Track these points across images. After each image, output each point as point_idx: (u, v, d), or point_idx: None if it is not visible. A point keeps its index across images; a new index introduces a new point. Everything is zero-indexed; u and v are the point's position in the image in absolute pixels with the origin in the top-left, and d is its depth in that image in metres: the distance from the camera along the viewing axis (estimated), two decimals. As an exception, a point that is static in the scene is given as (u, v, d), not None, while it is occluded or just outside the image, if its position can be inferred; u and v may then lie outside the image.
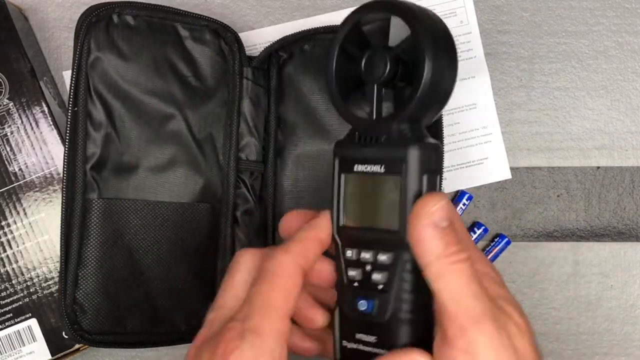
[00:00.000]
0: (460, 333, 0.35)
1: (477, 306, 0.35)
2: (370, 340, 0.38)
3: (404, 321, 0.37)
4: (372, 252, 0.38)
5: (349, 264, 0.39)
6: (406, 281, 0.37)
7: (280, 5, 0.59)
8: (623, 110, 0.57)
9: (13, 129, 0.54)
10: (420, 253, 0.36)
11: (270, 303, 0.37)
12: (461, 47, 0.58)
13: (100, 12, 0.49)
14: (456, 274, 0.35)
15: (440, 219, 0.36)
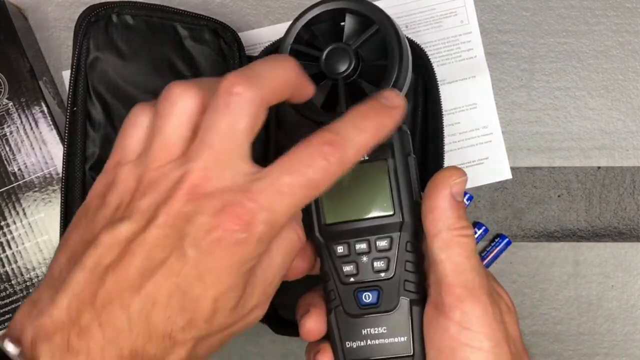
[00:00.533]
0: (456, 304, 0.35)
1: (476, 279, 0.36)
2: (380, 332, 0.38)
3: (413, 301, 0.38)
4: (367, 242, 0.38)
5: (342, 261, 0.39)
6: (410, 262, 0.38)
7: (280, 5, 0.58)
8: (624, 110, 0.57)
9: (12, 129, 0.54)
10: (432, 221, 0.36)
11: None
12: (461, 47, 0.57)
13: (99, 12, 0.49)
14: (462, 247, 0.36)
15: (458, 192, 0.37)
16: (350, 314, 0.39)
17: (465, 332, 0.35)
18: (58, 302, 0.31)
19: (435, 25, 0.57)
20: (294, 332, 0.53)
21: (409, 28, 0.57)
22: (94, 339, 0.31)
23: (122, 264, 0.31)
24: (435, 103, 0.52)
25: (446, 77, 0.57)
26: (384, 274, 0.38)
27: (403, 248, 0.38)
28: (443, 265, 0.36)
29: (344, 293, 0.39)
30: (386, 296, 0.38)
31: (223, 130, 0.33)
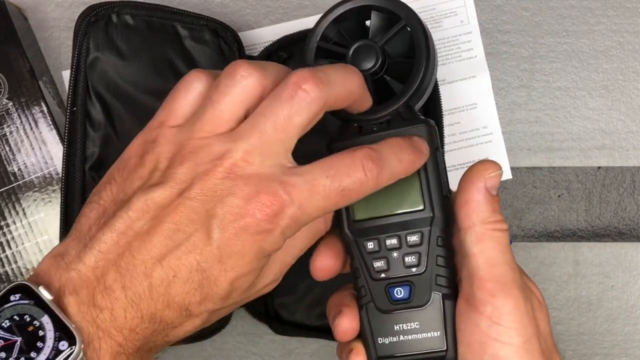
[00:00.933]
0: (488, 298, 0.35)
1: (509, 274, 0.36)
2: (412, 328, 0.38)
3: (445, 296, 0.38)
4: (397, 238, 0.38)
5: (372, 256, 0.39)
6: (441, 256, 0.38)
7: (280, 5, 0.58)
8: (624, 110, 0.57)
9: (12, 129, 0.54)
10: (465, 214, 0.36)
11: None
12: (461, 47, 0.57)
13: (99, 12, 0.49)
14: (496, 241, 0.36)
15: (492, 186, 0.37)
16: (382, 310, 0.39)
17: (495, 327, 0.35)
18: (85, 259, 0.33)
19: (435, 25, 0.57)
20: (294, 332, 0.53)
21: (409, 28, 0.57)
22: (118, 299, 0.33)
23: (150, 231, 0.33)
24: (435, 103, 0.52)
25: (446, 77, 0.57)
26: (415, 269, 0.38)
27: (434, 243, 0.38)
28: (476, 259, 0.36)
29: (375, 289, 0.39)
30: (418, 291, 0.38)
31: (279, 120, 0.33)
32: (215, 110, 0.34)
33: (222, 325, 0.53)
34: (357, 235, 0.39)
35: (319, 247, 0.40)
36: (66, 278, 0.33)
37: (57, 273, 0.34)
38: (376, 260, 0.39)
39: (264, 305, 0.55)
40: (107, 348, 0.33)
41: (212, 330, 0.53)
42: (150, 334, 0.34)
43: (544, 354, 0.36)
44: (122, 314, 0.33)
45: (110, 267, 0.33)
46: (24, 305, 0.32)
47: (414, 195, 0.38)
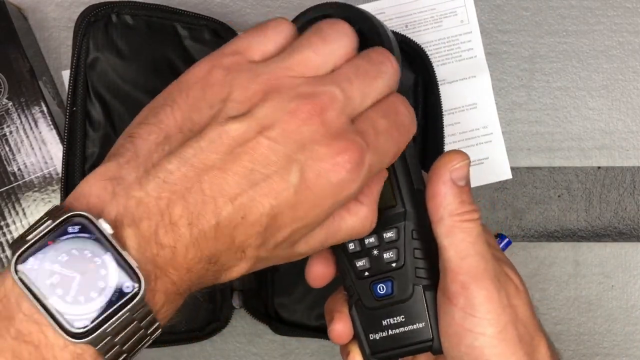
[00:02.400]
0: (461, 290, 0.35)
1: (480, 264, 0.36)
2: (399, 321, 0.39)
3: (426, 287, 0.38)
4: (375, 236, 0.39)
5: (354, 256, 0.39)
6: (417, 249, 0.38)
7: (280, 5, 0.58)
8: (624, 110, 0.57)
9: (12, 129, 0.54)
10: (434, 207, 0.36)
11: None
12: (461, 47, 0.57)
13: (98, 12, 0.49)
14: (465, 232, 0.36)
15: (459, 177, 0.37)
16: (369, 307, 0.39)
17: (469, 319, 0.35)
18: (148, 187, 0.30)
19: (435, 25, 0.57)
20: (294, 332, 0.53)
21: (409, 28, 0.57)
22: (182, 236, 0.30)
23: (224, 166, 0.30)
24: (435, 103, 0.52)
25: (446, 77, 0.57)
26: (394, 264, 0.39)
27: (409, 236, 0.38)
28: (447, 252, 0.36)
29: (361, 287, 0.40)
30: (400, 285, 0.39)
31: (366, 79, 0.33)
32: (311, 53, 0.33)
33: (222, 325, 0.53)
34: None
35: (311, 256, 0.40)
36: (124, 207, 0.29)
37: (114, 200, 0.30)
38: (358, 260, 0.39)
39: (264, 305, 0.55)
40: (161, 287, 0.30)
41: (212, 330, 0.53)
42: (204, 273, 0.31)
43: (523, 339, 0.36)
44: (184, 253, 0.30)
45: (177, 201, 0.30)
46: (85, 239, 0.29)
47: (386, 194, 0.38)
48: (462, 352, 0.36)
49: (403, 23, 0.57)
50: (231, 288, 0.53)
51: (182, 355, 0.57)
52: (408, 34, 0.56)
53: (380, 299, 0.39)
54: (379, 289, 0.39)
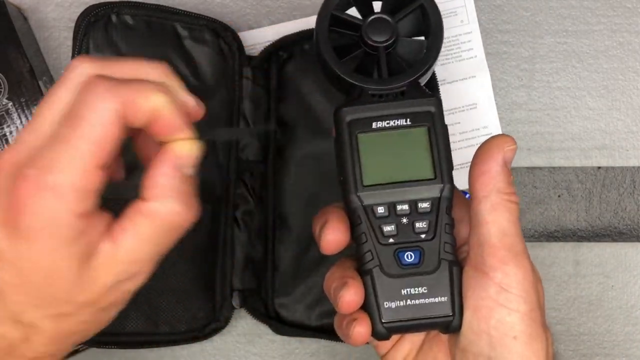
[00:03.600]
0: (499, 265, 0.36)
1: (520, 244, 0.37)
2: (420, 292, 0.39)
3: (451, 262, 0.39)
4: (409, 204, 0.39)
5: (383, 221, 0.39)
6: (447, 224, 0.39)
7: (280, 5, 0.58)
8: (624, 110, 0.57)
9: (12, 129, 0.54)
10: (483, 184, 0.37)
11: (75, 155, 0.33)
12: (462, 47, 0.57)
13: (98, 12, 0.49)
14: (509, 211, 0.37)
15: (509, 159, 0.38)
16: (390, 274, 0.39)
17: (504, 294, 0.36)
18: None
19: (435, 25, 0.57)
20: (294, 332, 0.53)
21: (409, 28, 0.57)
22: None
23: None
24: (436, 103, 0.52)
25: (446, 77, 0.57)
26: (424, 235, 0.39)
27: (443, 211, 0.39)
28: (488, 227, 0.37)
29: (383, 254, 0.39)
30: (428, 257, 0.39)
31: None
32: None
33: (222, 325, 0.53)
34: (366, 200, 0.39)
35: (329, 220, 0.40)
36: None
37: None
38: (386, 225, 0.39)
39: (264, 305, 0.55)
40: None
41: (212, 330, 0.53)
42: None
43: (543, 325, 0.37)
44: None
45: None
46: None
47: (425, 165, 0.39)
48: (490, 326, 0.36)
49: (403, 23, 0.57)
50: (231, 288, 0.53)
51: (182, 355, 0.57)
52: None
53: (405, 267, 0.39)
54: (407, 257, 0.39)
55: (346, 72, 0.41)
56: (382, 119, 0.39)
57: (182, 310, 0.52)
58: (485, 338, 0.36)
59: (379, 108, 0.40)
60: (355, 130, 0.40)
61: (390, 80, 0.40)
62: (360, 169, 0.39)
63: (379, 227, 0.39)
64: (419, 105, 0.39)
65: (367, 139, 0.40)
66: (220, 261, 0.53)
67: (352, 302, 0.38)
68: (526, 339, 0.36)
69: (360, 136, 0.39)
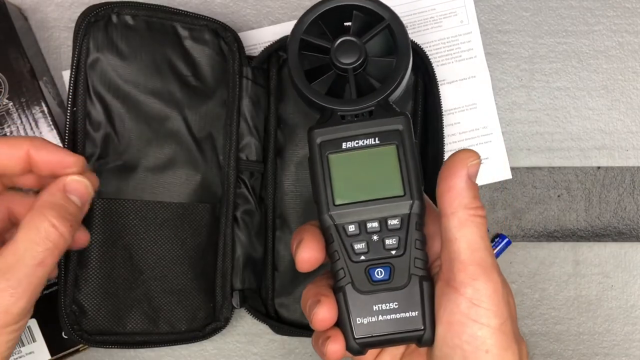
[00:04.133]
0: (469, 281, 0.37)
1: (489, 259, 0.37)
2: (391, 308, 0.39)
3: (422, 277, 0.39)
4: (378, 221, 0.40)
5: (353, 239, 0.40)
6: (418, 240, 0.39)
7: (280, 5, 0.58)
8: (624, 110, 0.57)
9: (12, 129, 0.54)
10: (449, 200, 0.38)
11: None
12: (461, 47, 0.57)
13: (99, 12, 0.49)
14: (477, 226, 0.37)
15: (473, 174, 0.38)
16: (361, 291, 0.40)
17: (475, 309, 0.36)
18: None
19: (435, 25, 0.58)
20: (294, 332, 0.53)
21: (409, 28, 0.57)
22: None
23: None
24: (435, 103, 0.52)
25: (446, 77, 0.57)
26: (395, 252, 0.39)
27: (413, 227, 0.39)
28: (458, 244, 0.37)
29: (354, 270, 0.40)
30: (398, 273, 0.39)
31: None
32: None
33: (222, 325, 0.53)
34: (338, 219, 0.40)
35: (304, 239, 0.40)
36: None
37: None
38: (356, 243, 0.40)
39: (264, 305, 0.55)
40: None
41: (212, 330, 0.53)
42: None
43: (516, 335, 0.38)
44: None
45: None
46: None
47: (394, 183, 0.40)
48: (462, 341, 0.37)
49: (403, 23, 0.57)
50: (231, 288, 0.53)
51: (182, 355, 0.57)
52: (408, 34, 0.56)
53: (375, 283, 0.39)
54: (377, 273, 0.40)
55: (315, 95, 0.42)
56: (351, 139, 0.40)
57: (182, 310, 0.52)
58: (459, 352, 0.37)
59: (349, 129, 0.41)
60: (326, 151, 0.41)
61: (358, 101, 0.41)
62: (332, 188, 0.40)
63: (351, 245, 0.40)
64: (387, 124, 0.40)
65: (338, 159, 0.40)
66: (220, 261, 0.53)
67: (325, 320, 0.39)
68: (498, 352, 0.36)
69: (330, 157, 0.41)
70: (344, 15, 0.44)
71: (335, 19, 0.44)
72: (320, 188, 0.41)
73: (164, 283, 0.51)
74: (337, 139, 0.41)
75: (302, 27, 0.43)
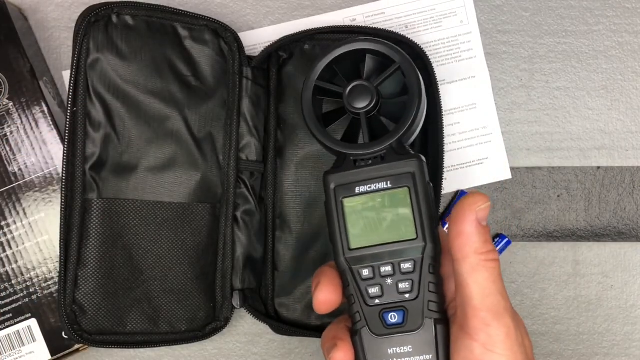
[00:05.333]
0: (482, 326, 0.37)
1: (501, 303, 0.37)
2: (406, 351, 0.39)
3: (437, 320, 0.39)
4: (392, 265, 0.40)
5: (368, 283, 0.40)
6: (432, 283, 0.40)
7: (280, 5, 0.58)
8: (623, 110, 0.57)
9: (13, 129, 0.54)
10: (460, 246, 0.38)
11: None
12: (461, 47, 0.57)
13: (99, 12, 0.49)
14: (488, 271, 0.37)
15: (483, 218, 0.38)
16: (376, 334, 0.40)
17: (489, 354, 0.37)
18: None
19: (435, 25, 0.58)
20: (294, 332, 0.53)
21: (409, 28, 0.57)
22: None
23: None
24: (435, 103, 0.52)
25: (446, 77, 0.57)
26: (408, 295, 0.40)
27: (426, 270, 0.39)
28: (470, 289, 0.37)
29: (369, 314, 0.40)
30: (411, 316, 0.39)
31: None
32: None
33: (222, 325, 0.53)
34: (353, 263, 0.41)
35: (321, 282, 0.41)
36: None
37: None
38: (371, 287, 0.40)
39: (264, 305, 0.55)
40: None
41: (212, 330, 0.53)
42: None
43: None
44: None
45: None
46: None
47: (407, 226, 0.40)
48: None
49: (403, 23, 0.57)
50: (231, 288, 0.53)
51: (182, 355, 0.57)
52: (408, 34, 0.56)
53: (390, 327, 0.40)
54: (390, 318, 0.40)
55: (328, 140, 0.43)
56: (364, 183, 0.41)
57: (182, 310, 0.52)
58: None
59: (362, 173, 0.41)
60: (340, 195, 0.41)
61: (370, 145, 0.42)
62: (347, 232, 0.41)
63: (365, 289, 0.40)
64: (399, 167, 0.40)
65: (351, 204, 0.41)
66: (220, 261, 0.53)
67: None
68: None
69: (344, 201, 0.41)
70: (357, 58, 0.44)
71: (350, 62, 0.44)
72: (335, 232, 0.41)
73: (164, 283, 0.51)
74: (351, 183, 0.41)
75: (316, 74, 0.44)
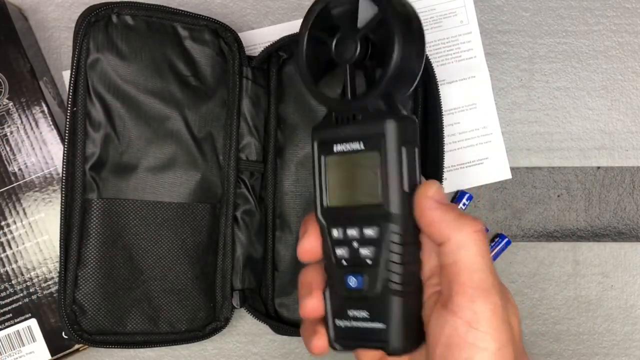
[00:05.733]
0: (467, 304, 0.35)
1: (489, 279, 0.36)
2: (362, 316, 0.39)
3: (395, 292, 0.38)
4: (358, 229, 0.38)
5: (336, 243, 0.39)
6: (394, 253, 0.37)
7: (280, 5, 0.58)
8: (623, 110, 0.57)
9: (13, 129, 0.54)
10: (436, 233, 0.37)
11: None
12: (461, 47, 0.57)
13: (99, 12, 0.49)
14: (477, 244, 0.36)
15: (441, 197, 0.37)
16: (339, 295, 0.40)
17: (473, 332, 0.35)
18: None
19: (435, 25, 0.58)
20: (294, 332, 0.53)
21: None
22: None
23: None
24: (435, 103, 0.52)
25: (446, 77, 0.57)
26: (369, 261, 0.38)
27: (388, 239, 0.37)
28: (456, 266, 0.36)
29: (335, 274, 0.40)
30: (369, 283, 0.38)
31: None
32: None
33: (222, 325, 0.53)
34: (327, 222, 0.40)
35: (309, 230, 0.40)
36: None
37: None
38: (338, 248, 0.39)
39: (264, 305, 0.55)
40: None
41: (212, 330, 0.53)
42: None
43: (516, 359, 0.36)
44: None
45: None
46: None
47: (373, 189, 0.38)
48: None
49: (403, 23, 0.57)
50: (231, 288, 0.53)
51: (182, 355, 0.57)
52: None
53: (350, 290, 0.39)
54: (350, 281, 0.39)
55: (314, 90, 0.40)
56: (341, 141, 0.39)
57: (182, 310, 0.52)
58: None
59: (340, 130, 0.39)
60: (322, 152, 0.40)
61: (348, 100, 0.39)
62: (323, 190, 0.40)
63: (334, 249, 0.39)
64: (372, 127, 0.37)
65: (329, 161, 0.39)
66: (220, 261, 0.53)
67: (313, 312, 0.40)
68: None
69: (323, 158, 0.40)
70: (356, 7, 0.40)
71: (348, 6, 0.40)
72: (316, 188, 0.40)
73: (164, 283, 0.51)
74: (330, 140, 0.39)
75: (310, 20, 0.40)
